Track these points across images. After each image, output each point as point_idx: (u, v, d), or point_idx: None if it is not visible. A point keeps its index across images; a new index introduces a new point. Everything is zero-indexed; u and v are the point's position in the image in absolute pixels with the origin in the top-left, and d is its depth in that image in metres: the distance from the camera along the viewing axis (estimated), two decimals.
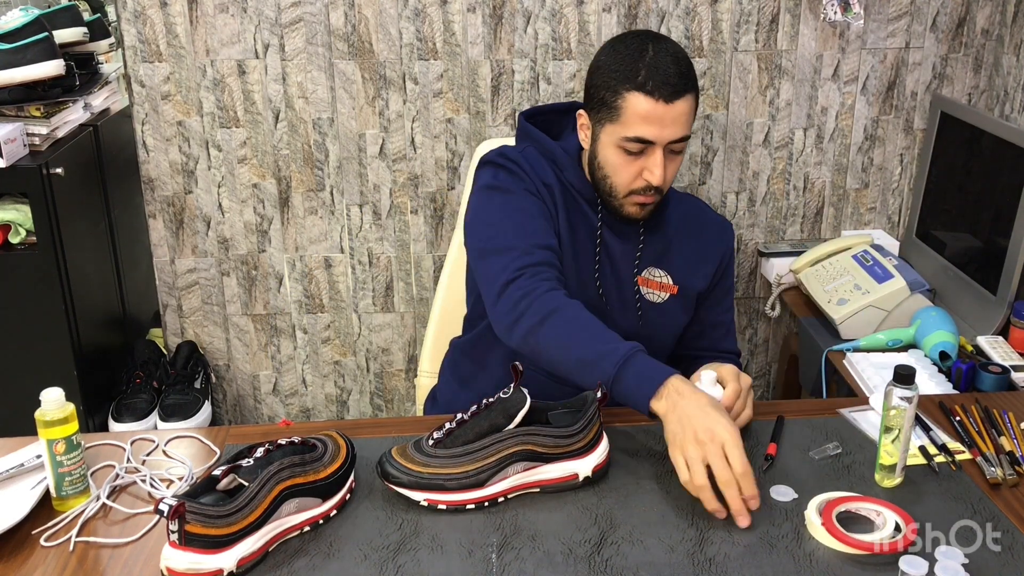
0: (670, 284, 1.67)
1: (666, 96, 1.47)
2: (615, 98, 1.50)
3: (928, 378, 1.81)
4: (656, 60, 1.48)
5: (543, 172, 1.62)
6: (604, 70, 1.52)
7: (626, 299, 1.66)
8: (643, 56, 1.49)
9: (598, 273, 1.64)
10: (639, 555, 1.18)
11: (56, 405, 1.26)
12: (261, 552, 1.17)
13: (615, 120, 1.51)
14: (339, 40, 2.35)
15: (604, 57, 1.54)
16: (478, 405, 1.32)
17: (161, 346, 2.53)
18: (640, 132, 1.49)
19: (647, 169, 1.52)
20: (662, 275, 1.67)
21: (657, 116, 1.48)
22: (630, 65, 1.49)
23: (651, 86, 1.47)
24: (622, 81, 1.49)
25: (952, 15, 2.43)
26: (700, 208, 1.77)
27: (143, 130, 2.40)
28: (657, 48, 1.50)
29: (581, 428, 1.30)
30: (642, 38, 1.52)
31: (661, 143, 1.50)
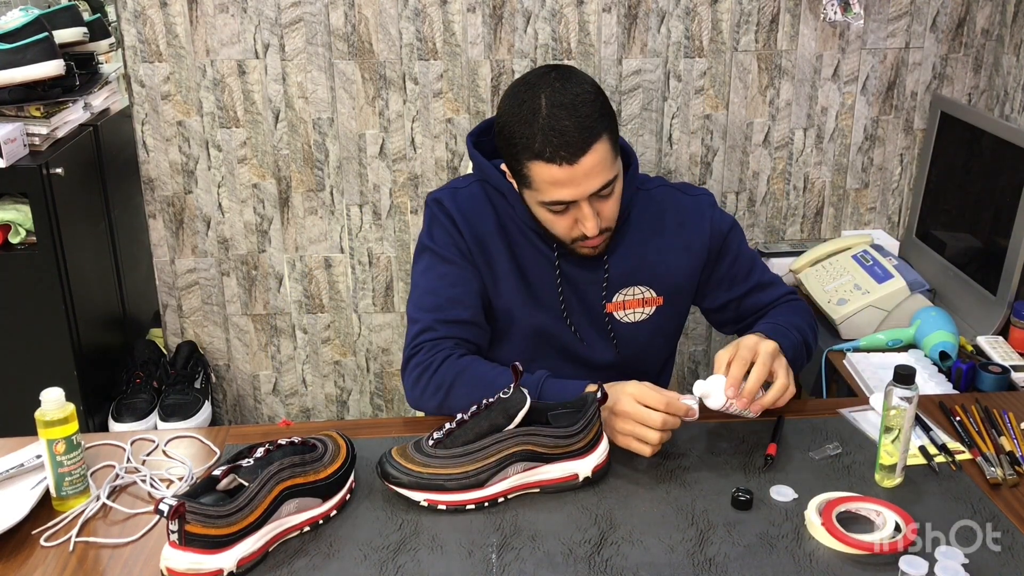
0: (653, 297, 1.60)
1: (567, 158, 1.37)
2: (520, 167, 1.42)
3: (928, 378, 1.81)
4: (551, 119, 1.37)
5: (482, 219, 1.54)
6: (505, 134, 1.43)
7: (600, 329, 1.60)
8: (536, 117, 1.38)
9: (565, 309, 1.57)
10: (639, 555, 1.18)
11: (56, 405, 1.26)
12: (261, 552, 1.17)
13: (529, 186, 1.44)
14: (339, 40, 2.35)
15: (504, 116, 1.44)
16: (478, 405, 1.32)
17: (161, 346, 2.53)
18: (555, 196, 1.41)
19: (579, 221, 1.44)
20: (643, 291, 1.60)
21: (568, 178, 1.39)
22: (525, 131, 1.39)
23: (549, 153, 1.37)
24: (522, 151, 1.40)
25: (952, 15, 2.43)
26: (668, 199, 1.62)
27: (143, 130, 2.40)
28: (551, 100, 1.38)
29: (581, 428, 1.30)
30: (535, 89, 1.40)
31: (582, 198, 1.41)
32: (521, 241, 1.56)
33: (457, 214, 1.55)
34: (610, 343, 1.62)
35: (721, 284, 1.65)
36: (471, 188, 1.59)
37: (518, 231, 1.56)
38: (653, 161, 2.50)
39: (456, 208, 1.55)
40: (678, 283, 1.62)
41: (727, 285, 1.65)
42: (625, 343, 1.62)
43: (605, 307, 1.59)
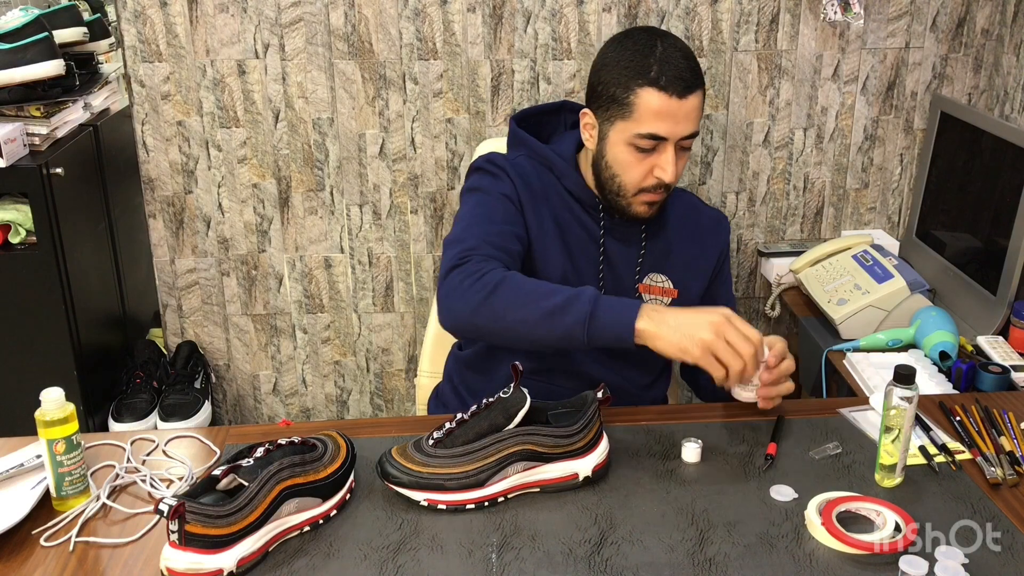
0: (671, 288, 1.66)
1: (679, 91, 1.45)
2: (627, 94, 1.47)
3: (928, 378, 1.81)
4: (667, 55, 1.46)
5: (534, 179, 1.59)
6: (612, 66, 1.50)
7: None
8: (653, 51, 1.47)
9: (602, 282, 1.62)
10: (639, 555, 1.18)
11: (56, 405, 1.26)
12: (261, 552, 1.17)
13: (627, 117, 1.48)
14: (339, 40, 2.35)
15: (612, 53, 1.51)
16: (478, 405, 1.32)
17: (161, 346, 2.53)
18: (654, 128, 1.47)
19: (658, 166, 1.50)
20: (663, 280, 1.66)
21: (670, 112, 1.46)
22: (641, 61, 1.46)
23: (664, 81, 1.45)
24: (634, 77, 1.46)
25: (952, 15, 2.43)
26: (695, 205, 1.74)
27: (143, 130, 2.40)
28: (666, 44, 1.48)
29: (581, 428, 1.30)
30: (649, 33, 1.51)
31: (673, 139, 1.48)
32: (566, 214, 1.60)
33: (510, 168, 1.58)
34: None
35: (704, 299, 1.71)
36: (522, 159, 1.62)
37: (564, 205, 1.60)
38: None
39: (510, 165, 1.59)
40: (692, 282, 1.68)
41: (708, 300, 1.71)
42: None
43: (638, 288, 1.63)
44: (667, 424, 1.48)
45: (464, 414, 1.31)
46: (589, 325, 1.33)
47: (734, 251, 2.61)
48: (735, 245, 2.60)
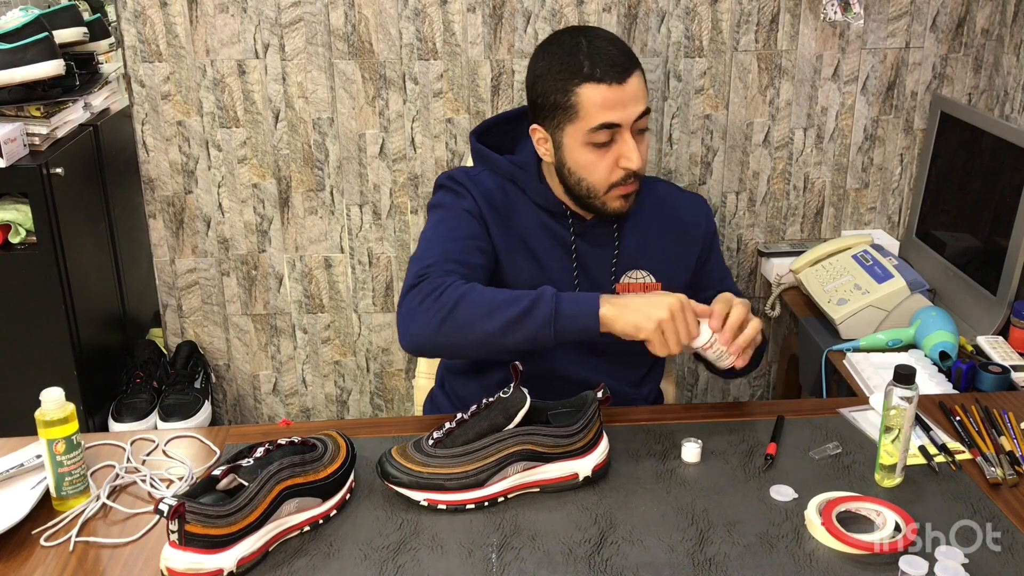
0: (652, 282, 1.64)
1: (617, 77, 1.45)
2: (567, 97, 1.47)
3: (928, 378, 1.81)
4: (594, 48, 1.46)
5: (498, 194, 1.58)
6: (545, 75, 1.49)
7: None
8: (579, 48, 1.47)
9: (578, 285, 1.60)
10: (639, 555, 1.18)
11: (56, 405, 1.26)
12: (261, 552, 1.17)
13: (574, 119, 1.48)
14: (339, 40, 2.35)
15: (541, 63, 1.51)
16: (478, 405, 1.32)
17: (161, 346, 2.53)
18: (604, 118, 1.46)
19: (622, 156, 1.48)
20: (643, 275, 1.64)
21: (615, 99, 1.45)
22: (571, 60, 1.47)
23: (600, 73, 1.45)
24: (569, 78, 1.46)
25: (952, 15, 2.43)
26: (669, 193, 1.71)
27: (143, 130, 2.40)
28: (590, 36, 1.48)
29: (581, 428, 1.30)
30: (572, 33, 1.50)
31: (627, 124, 1.47)
32: (534, 226, 1.59)
33: (471, 184, 1.58)
34: None
35: (699, 285, 1.70)
36: (485, 174, 1.62)
37: (530, 217, 1.59)
38: (653, 161, 2.50)
39: (470, 181, 1.59)
40: (675, 273, 1.66)
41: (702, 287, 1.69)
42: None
43: (615, 288, 1.61)
44: (667, 424, 1.48)
45: (464, 414, 1.31)
46: (555, 322, 1.35)
47: (733, 251, 2.61)
48: (735, 245, 2.60)
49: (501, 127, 1.69)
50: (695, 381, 2.74)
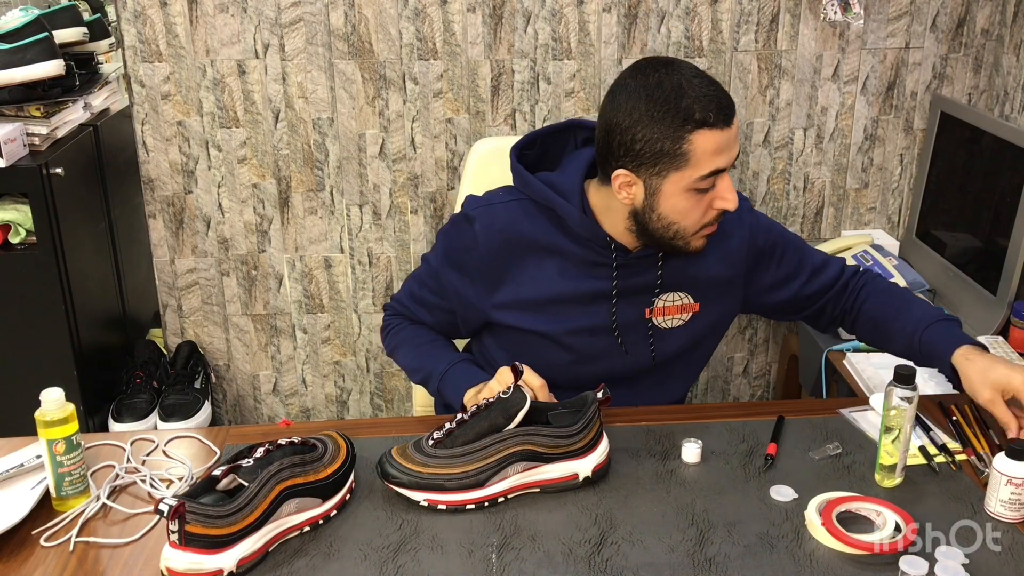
0: (691, 303, 1.58)
1: (725, 120, 1.39)
2: (678, 144, 1.38)
3: (928, 378, 1.81)
4: (696, 90, 1.38)
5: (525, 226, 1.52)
6: (647, 120, 1.38)
7: (640, 335, 1.57)
8: (682, 92, 1.38)
9: (615, 315, 1.54)
10: (639, 555, 1.18)
11: (56, 405, 1.26)
12: (261, 552, 1.17)
13: (682, 166, 1.39)
14: (339, 40, 2.35)
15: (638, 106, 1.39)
16: (478, 405, 1.32)
17: (161, 346, 2.53)
18: (716, 165, 1.39)
19: (719, 198, 1.42)
20: (681, 297, 1.57)
21: (726, 143, 1.39)
22: (678, 105, 1.37)
23: (712, 118, 1.37)
24: (681, 125, 1.37)
25: (952, 15, 2.43)
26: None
27: (143, 130, 2.40)
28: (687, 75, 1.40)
29: (581, 428, 1.30)
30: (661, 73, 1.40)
31: (728, 165, 1.42)
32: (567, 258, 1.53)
33: (484, 235, 1.52)
34: (648, 350, 1.58)
35: (775, 288, 1.63)
36: (511, 206, 1.54)
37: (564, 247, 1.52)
38: None
39: (486, 230, 1.52)
40: (716, 290, 1.59)
41: (781, 285, 1.63)
42: (662, 350, 1.59)
43: (646, 313, 1.56)
44: (667, 424, 1.48)
45: (464, 414, 1.31)
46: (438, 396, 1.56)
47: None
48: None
49: (544, 139, 1.61)
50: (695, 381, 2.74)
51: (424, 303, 1.63)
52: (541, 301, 1.53)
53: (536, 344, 1.55)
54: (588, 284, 1.53)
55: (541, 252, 1.52)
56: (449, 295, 1.58)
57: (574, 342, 1.55)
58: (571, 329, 1.54)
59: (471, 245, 1.53)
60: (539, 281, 1.53)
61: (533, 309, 1.54)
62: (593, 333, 1.54)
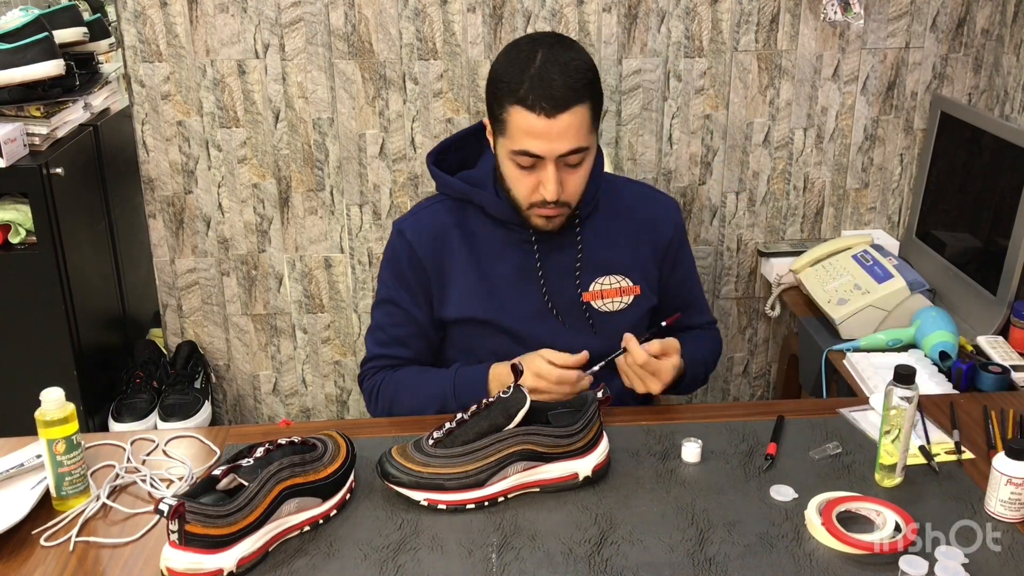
0: (630, 286, 1.62)
1: (547, 110, 1.40)
2: (501, 111, 1.44)
3: (928, 378, 1.81)
4: (542, 70, 1.41)
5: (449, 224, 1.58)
6: (494, 79, 1.47)
7: (579, 319, 1.61)
8: (529, 66, 1.42)
9: (547, 294, 1.59)
10: (639, 555, 1.18)
11: (56, 405, 1.26)
12: (261, 552, 1.17)
13: (504, 133, 1.46)
14: (339, 40, 2.35)
15: (498, 65, 1.48)
16: (478, 405, 1.32)
17: (161, 346, 2.53)
18: (525, 146, 1.43)
19: (542, 183, 1.46)
20: (619, 280, 1.61)
21: (541, 130, 1.41)
22: (515, 76, 1.42)
23: (531, 100, 1.40)
24: (507, 94, 1.43)
25: (952, 15, 2.43)
26: (639, 194, 1.68)
27: (143, 130, 2.40)
28: (547, 56, 1.42)
29: (581, 428, 1.30)
30: (533, 44, 1.45)
31: (550, 157, 1.43)
32: (494, 244, 1.58)
33: (416, 242, 1.58)
34: (590, 332, 1.61)
35: (666, 291, 1.68)
36: (433, 208, 1.62)
37: (488, 235, 1.58)
38: (653, 161, 2.50)
39: (416, 235, 1.59)
40: (649, 272, 1.64)
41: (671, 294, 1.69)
42: (606, 333, 1.60)
43: (582, 296, 1.60)
44: (667, 424, 1.48)
45: (464, 414, 1.31)
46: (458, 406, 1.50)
47: (733, 250, 2.61)
48: (735, 245, 2.60)
49: (458, 145, 1.66)
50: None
51: (398, 340, 1.64)
52: (482, 290, 1.58)
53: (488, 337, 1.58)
54: (515, 262, 1.58)
55: (470, 242, 1.59)
56: (414, 316, 1.62)
57: (520, 328, 1.58)
58: (513, 313, 1.58)
59: (409, 255, 1.59)
60: (475, 271, 1.58)
61: (476, 300, 1.58)
62: (535, 317, 1.58)
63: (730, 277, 2.64)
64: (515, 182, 1.49)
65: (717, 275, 2.63)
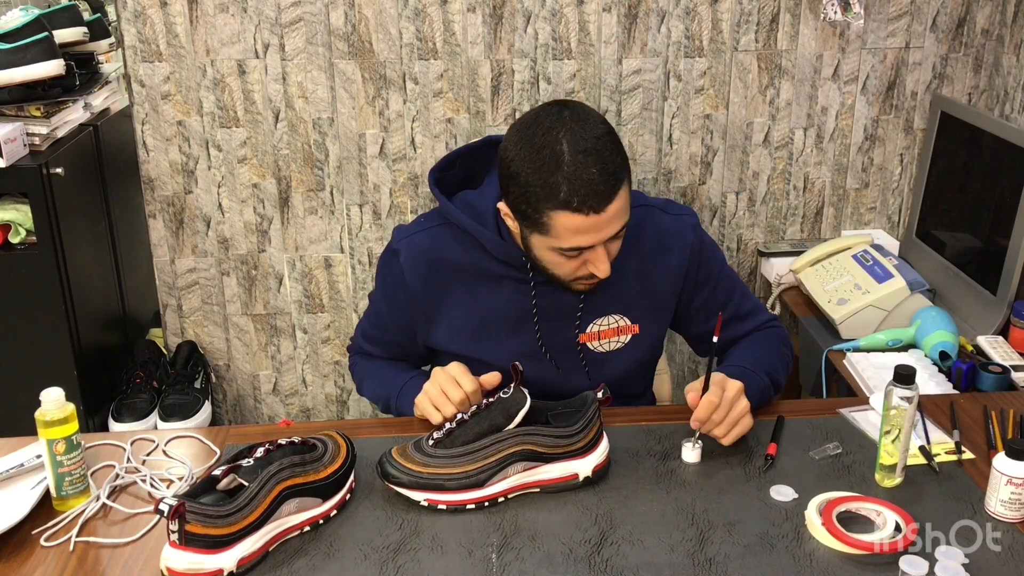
0: (628, 325, 1.55)
1: (596, 207, 1.31)
2: (539, 216, 1.34)
3: (928, 378, 1.81)
4: (576, 168, 1.30)
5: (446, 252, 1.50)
6: (519, 179, 1.34)
7: (572, 359, 1.55)
8: (560, 163, 1.30)
9: (540, 337, 1.53)
10: (639, 555, 1.18)
11: (56, 405, 1.26)
12: (261, 552, 1.17)
13: (545, 233, 1.36)
14: (339, 40, 2.35)
15: (517, 161, 1.34)
16: (478, 405, 1.32)
17: (161, 346, 2.53)
18: (576, 243, 1.35)
19: (591, 263, 1.39)
20: (616, 319, 1.54)
21: (591, 227, 1.33)
22: (548, 179, 1.31)
23: (577, 203, 1.30)
24: (544, 200, 1.32)
25: (952, 15, 2.43)
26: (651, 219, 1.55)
27: (143, 130, 2.40)
28: (574, 147, 1.31)
29: (581, 428, 1.30)
30: (552, 133, 1.32)
31: (600, 243, 1.36)
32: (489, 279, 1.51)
33: (409, 268, 1.52)
34: (583, 373, 1.56)
35: (698, 315, 1.60)
36: (432, 233, 1.53)
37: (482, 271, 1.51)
38: (653, 161, 2.50)
39: (410, 260, 1.52)
40: (656, 309, 1.56)
41: (704, 317, 1.59)
42: (599, 373, 1.56)
43: (578, 338, 1.54)
44: (667, 424, 1.48)
45: (464, 414, 1.31)
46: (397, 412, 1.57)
47: (733, 250, 2.61)
48: (735, 245, 2.60)
49: (463, 160, 1.58)
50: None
51: (375, 341, 1.65)
52: (473, 326, 1.53)
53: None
54: (512, 305, 1.51)
55: (466, 276, 1.52)
56: (392, 330, 1.60)
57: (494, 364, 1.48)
58: (503, 353, 1.50)
59: (400, 280, 1.54)
60: (468, 306, 1.52)
61: (466, 335, 1.54)
62: (526, 359, 1.50)
63: None
64: (557, 267, 1.42)
65: None
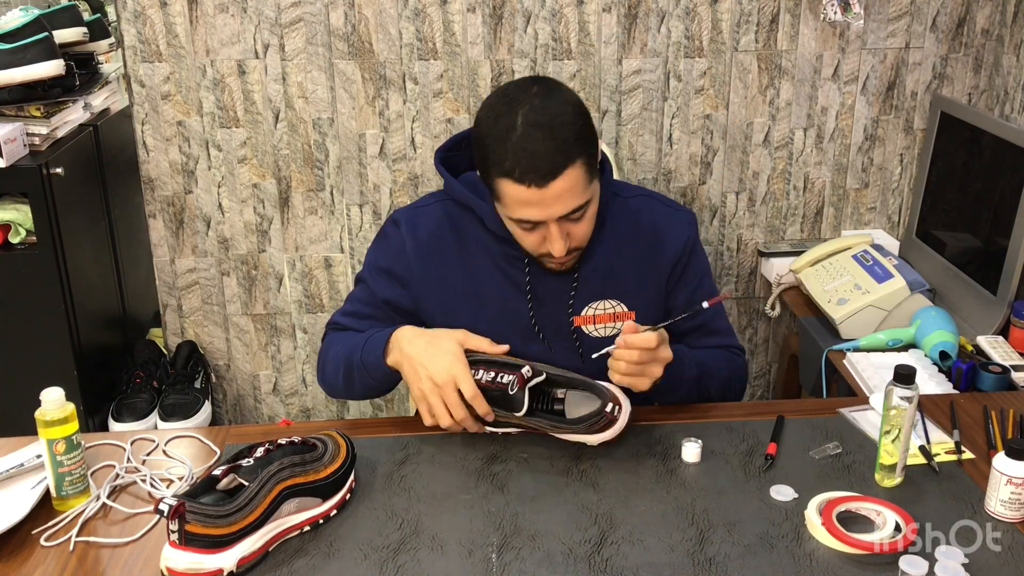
0: (624, 312, 1.55)
1: (537, 181, 1.33)
2: (490, 180, 1.39)
3: (928, 378, 1.81)
4: (524, 139, 1.33)
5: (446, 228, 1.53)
6: (479, 148, 1.40)
7: (567, 343, 1.56)
8: (510, 134, 1.34)
9: (534, 316, 1.53)
10: (639, 555, 1.18)
11: (56, 405, 1.26)
12: (261, 552, 1.17)
13: (498, 200, 1.41)
14: (339, 40, 2.35)
15: (480, 128, 1.40)
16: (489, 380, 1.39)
17: (161, 346, 2.53)
18: (522, 215, 1.38)
19: (547, 241, 1.41)
20: (612, 305, 1.54)
21: (535, 200, 1.35)
22: (498, 147, 1.35)
23: (519, 173, 1.33)
24: (493, 167, 1.37)
25: (952, 15, 2.43)
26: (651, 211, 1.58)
27: (143, 130, 2.40)
28: (527, 119, 1.34)
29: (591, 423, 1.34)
30: (513, 104, 1.36)
31: (550, 220, 1.38)
32: (487, 254, 1.53)
33: (409, 237, 1.54)
34: (578, 358, 1.56)
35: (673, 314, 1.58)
36: (434, 208, 1.57)
37: (483, 247, 1.53)
38: (653, 161, 2.50)
39: (411, 230, 1.55)
40: (650, 297, 1.57)
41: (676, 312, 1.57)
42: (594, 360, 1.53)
43: (573, 321, 1.54)
44: (667, 424, 1.48)
45: None
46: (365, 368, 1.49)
47: (733, 250, 2.61)
48: (735, 245, 2.60)
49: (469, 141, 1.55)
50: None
51: (359, 315, 1.60)
52: (468, 298, 1.54)
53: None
54: (507, 281, 1.53)
55: (464, 249, 1.55)
56: (381, 305, 1.59)
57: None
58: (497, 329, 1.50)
59: (399, 247, 1.55)
60: (464, 278, 1.54)
61: (461, 307, 1.54)
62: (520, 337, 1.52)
63: (730, 277, 2.64)
64: (520, 239, 1.46)
65: (717, 275, 2.63)
